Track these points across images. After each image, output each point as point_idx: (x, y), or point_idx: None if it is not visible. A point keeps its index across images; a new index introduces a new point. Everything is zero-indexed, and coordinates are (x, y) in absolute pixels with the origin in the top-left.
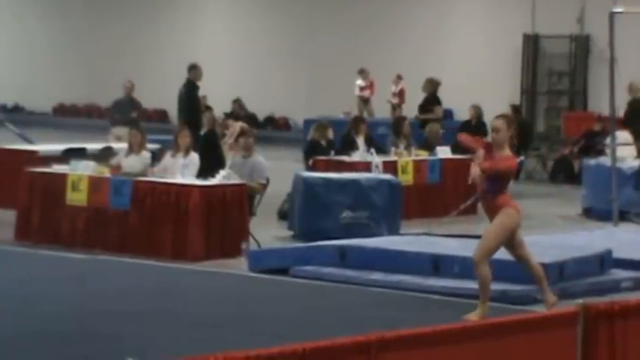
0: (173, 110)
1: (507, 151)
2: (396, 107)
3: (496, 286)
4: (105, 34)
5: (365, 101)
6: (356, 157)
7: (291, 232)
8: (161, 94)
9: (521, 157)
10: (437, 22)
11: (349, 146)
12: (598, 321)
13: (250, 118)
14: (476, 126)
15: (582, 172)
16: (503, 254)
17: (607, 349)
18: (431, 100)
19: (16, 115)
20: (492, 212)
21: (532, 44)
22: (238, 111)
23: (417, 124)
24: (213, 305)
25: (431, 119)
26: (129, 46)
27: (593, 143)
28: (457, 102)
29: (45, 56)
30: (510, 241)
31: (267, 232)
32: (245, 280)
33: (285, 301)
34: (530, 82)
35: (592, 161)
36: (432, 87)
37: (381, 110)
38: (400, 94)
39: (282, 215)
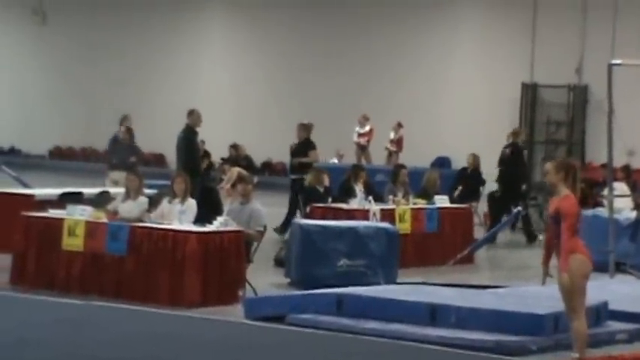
0: (170, 155)
1: (564, 192)
2: (392, 154)
3: (490, 337)
4: (102, 77)
5: (362, 148)
6: (354, 204)
7: (287, 280)
8: (159, 139)
9: (518, 208)
10: (436, 70)
11: (347, 193)
12: None
13: (248, 163)
14: (471, 174)
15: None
16: (498, 305)
17: None
18: (306, 145)
19: (12, 158)
20: (562, 256)
21: (530, 93)
22: (235, 156)
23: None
24: (209, 353)
25: (306, 163)
26: (126, 90)
27: (590, 194)
28: (455, 150)
29: (41, 99)
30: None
31: (264, 279)
32: (241, 328)
33: (282, 349)
34: (528, 131)
35: (589, 212)
36: (305, 132)
37: (379, 157)
38: (398, 142)
39: (279, 262)
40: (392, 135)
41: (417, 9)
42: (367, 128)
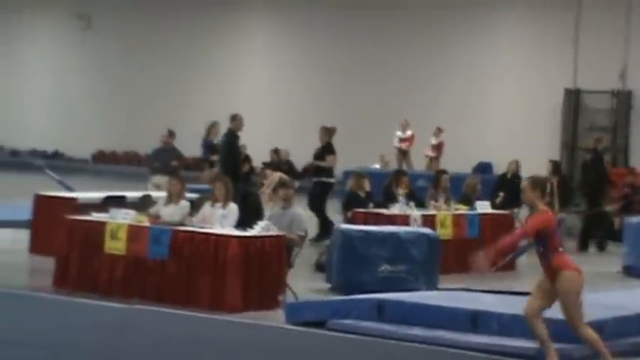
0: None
1: (541, 208)
2: (432, 160)
3: (532, 344)
4: (145, 82)
5: (403, 153)
6: (395, 210)
7: (328, 285)
8: (200, 143)
9: (562, 215)
10: (478, 75)
11: (389, 199)
12: None
13: (289, 168)
14: (511, 180)
15: (623, 230)
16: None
17: None
18: (326, 149)
19: (55, 162)
20: (550, 274)
21: (573, 99)
22: (277, 161)
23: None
24: (250, 357)
25: (323, 167)
26: (169, 94)
27: (635, 200)
28: (496, 155)
29: (85, 103)
30: (540, 302)
31: (305, 284)
32: (282, 333)
33: (322, 354)
34: (570, 137)
35: (634, 219)
36: (327, 135)
37: (420, 162)
38: (438, 147)
39: (320, 267)
40: (432, 140)
41: (458, 14)
42: (408, 133)
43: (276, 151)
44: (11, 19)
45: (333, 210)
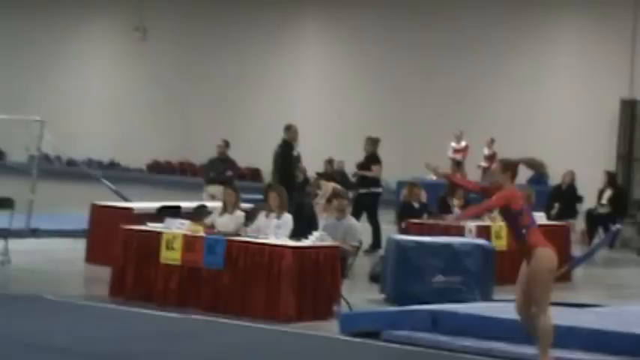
0: (266, 169)
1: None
2: (486, 171)
3: (589, 357)
4: (200, 92)
5: (458, 164)
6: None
7: (382, 295)
8: (255, 153)
9: (618, 226)
10: (532, 86)
11: (444, 209)
12: None
13: (343, 178)
14: (566, 191)
15: None
16: (597, 325)
17: None
18: (371, 159)
19: (111, 171)
20: (526, 255)
21: (630, 109)
22: (331, 171)
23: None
24: None
25: (369, 177)
26: (224, 104)
27: None
28: (551, 166)
29: (140, 114)
30: (524, 296)
31: (359, 294)
32: (336, 343)
33: None
34: (626, 148)
35: None
36: (372, 146)
37: (474, 173)
38: (491, 158)
39: (374, 278)
40: (485, 151)
41: (513, 26)
42: (463, 144)
43: (330, 162)
44: (70, 30)
45: (387, 220)
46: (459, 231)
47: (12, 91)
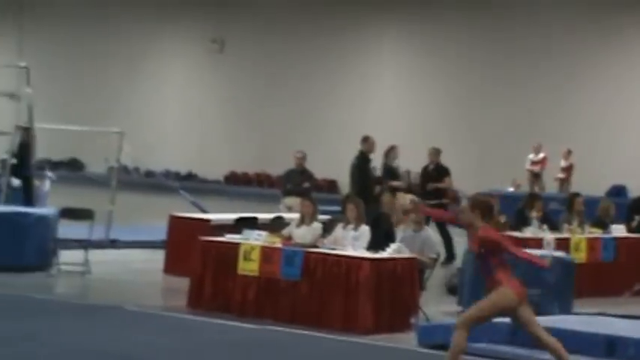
0: (343, 180)
1: (479, 226)
2: (563, 182)
3: None
4: (277, 104)
5: (536, 176)
6: (528, 233)
7: (460, 307)
8: (332, 165)
9: None
10: (611, 97)
11: (522, 222)
12: None
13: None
14: None
15: None
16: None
17: None
18: (441, 170)
19: (189, 183)
20: (491, 289)
21: None
22: (408, 183)
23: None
24: None
25: (441, 189)
26: (300, 117)
27: None
28: (630, 178)
29: (218, 125)
30: (519, 319)
31: (436, 306)
32: (414, 356)
33: None
34: None
35: None
36: (439, 156)
37: (551, 185)
38: (568, 170)
39: (451, 290)
40: (562, 163)
41: (593, 37)
42: (541, 156)
43: (407, 173)
44: (149, 42)
45: (464, 232)
46: (537, 244)
47: (92, 103)
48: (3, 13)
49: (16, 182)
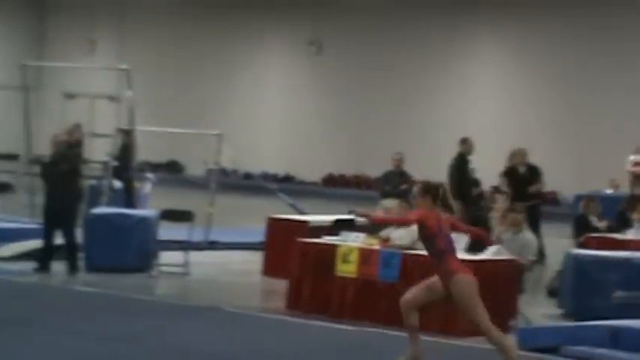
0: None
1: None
2: None
3: None
4: (374, 106)
5: (637, 177)
6: (630, 235)
7: (561, 310)
8: (429, 166)
9: None
10: None
11: (623, 224)
12: None
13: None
14: None
15: None
16: None
17: None
18: (535, 172)
19: (287, 185)
20: (443, 279)
21: None
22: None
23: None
24: None
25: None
26: (398, 118)
27: None
28: None
29: (315, 127)
30: (425, 298)
31: (537, 309)
32: None
33: None
34: None
35: None
36: (525, 158)
37: None
38: None
39: (552, 292)
40: None
41: None
42: None
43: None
44: (246, 45)
45: (563, 234)
46: (639, 246)
47: (191, 105)
48: (104, 17)
49: (117, 184)
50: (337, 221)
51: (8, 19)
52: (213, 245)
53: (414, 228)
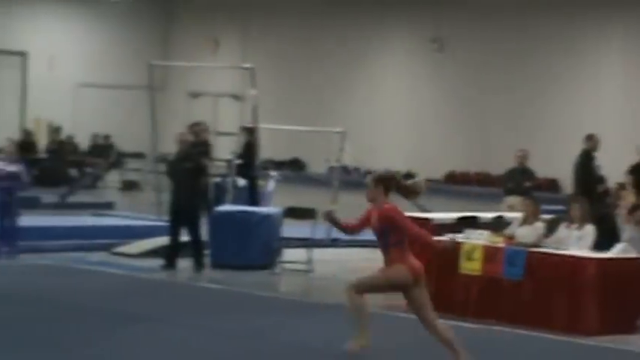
0: (564, 180)
1: (381, 203)
2: None
3: None
4: (497, 103)
5: None
6: None
7: None
8: (552, 164)
9: None
10: None
11: None
12: None
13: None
14: None
15: None
16: None
17: None
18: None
19: None
20: (387, 266)
21: None
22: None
23: None
24: None
25: None
26: (521, 115)
27: None
28: None
29: (437, 125)
30: (412, 301)
31: None
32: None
33: None
34: None
35: None
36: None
37: None
38: None
39: None
40: None
41: None
42: None
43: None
44: (369, 42)
45: None
46: None
47: (314, 103)
48: (228, 17)
49: (241, 182)
50: (460, 219)
51: (135, 21)
52: (335, 242)
53: (539, 226)
